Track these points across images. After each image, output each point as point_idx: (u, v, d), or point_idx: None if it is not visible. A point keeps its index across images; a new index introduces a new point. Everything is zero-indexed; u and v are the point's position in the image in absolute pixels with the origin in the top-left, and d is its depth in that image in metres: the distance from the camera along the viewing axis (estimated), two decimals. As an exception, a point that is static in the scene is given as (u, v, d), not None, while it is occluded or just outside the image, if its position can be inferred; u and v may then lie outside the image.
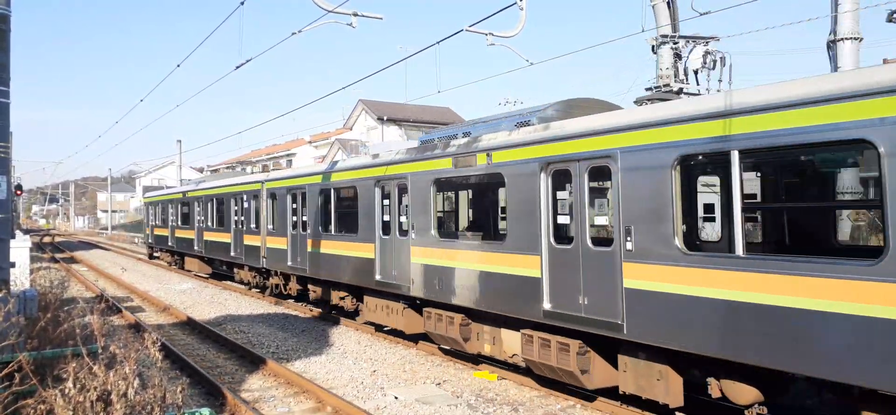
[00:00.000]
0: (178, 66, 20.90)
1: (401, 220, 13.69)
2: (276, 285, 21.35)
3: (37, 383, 6.27)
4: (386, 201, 14.23)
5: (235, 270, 25.59)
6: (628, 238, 8.48)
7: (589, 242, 9.20)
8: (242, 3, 14.42)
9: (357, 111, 53.94)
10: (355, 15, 12.43)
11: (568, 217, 9.65)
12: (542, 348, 10.07)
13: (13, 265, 9.48)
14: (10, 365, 6.51)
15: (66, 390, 6.13)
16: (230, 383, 11.67)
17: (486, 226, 12.57)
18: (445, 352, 13.69)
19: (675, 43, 14.46)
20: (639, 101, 9.96)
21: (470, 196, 14.01)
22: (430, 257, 12.52)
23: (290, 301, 21.75)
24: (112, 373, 6.35)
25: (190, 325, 17.89)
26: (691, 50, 14.11)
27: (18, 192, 36.51)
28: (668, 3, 14.82)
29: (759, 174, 9.37)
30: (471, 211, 14.08)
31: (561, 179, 9.81)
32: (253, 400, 10.62)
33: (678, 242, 7.89)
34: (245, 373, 12.55)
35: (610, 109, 10.43)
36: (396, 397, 10.72)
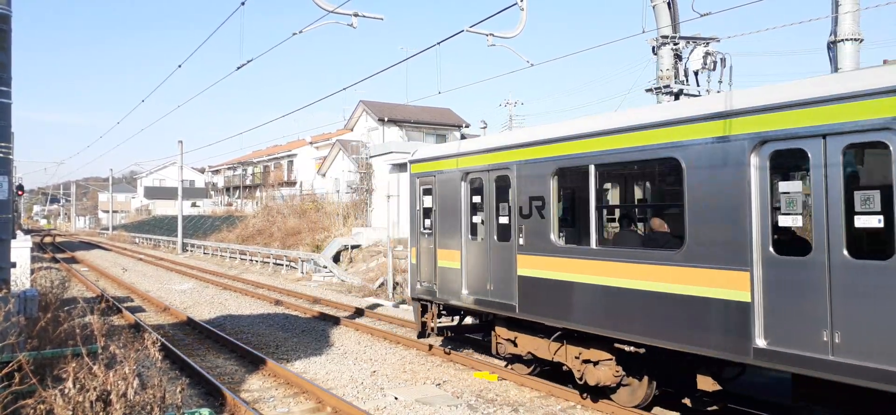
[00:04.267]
0: (180, 66, 20.97)
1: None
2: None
3: (36, 382, 6.27)
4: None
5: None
6: None
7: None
8: (243, 4, 14.44)
9: (358, 112, 53.95)
10: (356, 15, 12.45)
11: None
12: None
13: (14, 265, 9.50)
14: (10, 365, 6.51)
15: (66, 390, 6.13)
16: (230, 383, 11.67)
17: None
18: (446, 353, 13.67)
19: (676, 44, 14.48)
20: None
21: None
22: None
23: (289, 301, 21.59)
24: (112, 373, 6.34)
25: (190, 325, 17.90)
26: (691, 51, 14.13)
27: (20, 192, 36.51)
28: (668, 3, 14.81)
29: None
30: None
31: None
32: (253, 400, 10.62)
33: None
34: (245, 373, 12.55)
35: None
36: (396, 398, 10.72)
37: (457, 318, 13.51)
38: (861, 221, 6.55)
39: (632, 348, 8.95)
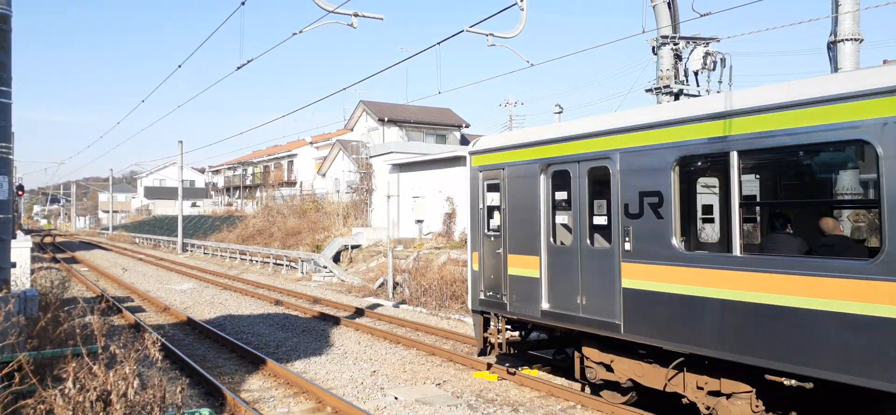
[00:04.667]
0: (180, 66, 20.99)
1: None
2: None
3: (36, 383, 6.27)
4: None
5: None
6: None
7: None
8: (243, 4, 14.44)
9: (358, 112, 53.96)
10: (356, 15, 12.44)
11: None
12: None
13: (14, 265, 9.50)
14: (10, 365, 6.51)
15: (66, 390, 6.13)
16: (230, 383, 11.67)
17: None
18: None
19: (676, 44, 14.49)
20: None
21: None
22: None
23: (290, 301, 21.67)
24: (112, 373, 6.34)
25: (190, 325, 17.90)
26: (691, 51, 14.14)
27: (20, 192, 36.52)
28: (668, 3, 14.81)
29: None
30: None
31: None
32: (253, 400, 10.62)
33: None
34: (245, 373, 12.55)
35: None
36: (396, 398, 10.72)
37: (506, 330, 11.65)
38: None
39: (793, 382, 7.12)
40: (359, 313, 19.85)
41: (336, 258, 32.42)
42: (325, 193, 49.24)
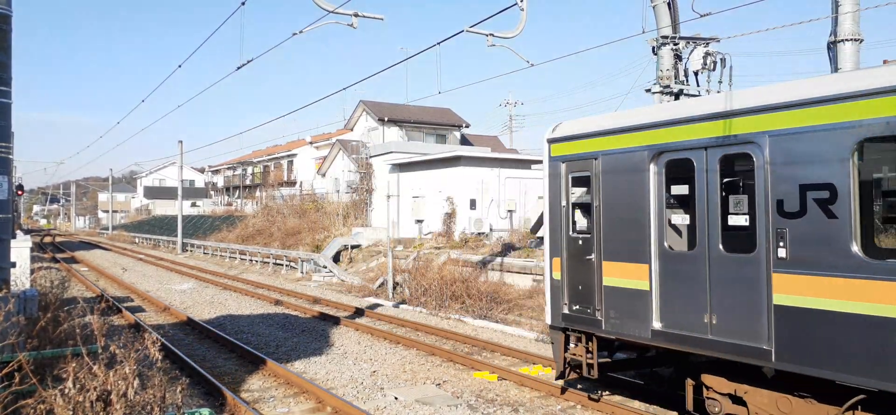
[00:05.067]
0: (180, 66, 21.04)
1: None
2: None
3: (36, 382, 6.27)
4: None
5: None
6: None
7: None
8: (243, 4, 14.45)
9: (358, 112, 53.97)
10: (356, 15, 12.45)
11: None
12: None
13: (14, 265, 9.51)
14: (10, 365, 6.51)
15: (66, 390, 6.13)
16: (230, 383, 11.67)
17: None
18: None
19: (676, 44, 14.48)
20: None
21: None
22: None
23: (289, 301, 21.62)
24: (112, 373, 6.34)
25: (190, 325, 17.90)
26: (691, 51, 14.13)
27: (20, 192, 36.56)
28: (668, 3, 14.80)
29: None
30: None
31: None
32: (253, 400, 10.62)
33: None
34: (245, 373, 12.55)
35: None
36: (396, 398, 10.72)
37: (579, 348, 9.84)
38: None
39: None
40: (359, 312, 19.85)
41: (336, 258, 32.43)
42: (324, 192, 49.25)
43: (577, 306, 9.58)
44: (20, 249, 16.40)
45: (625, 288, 8.80)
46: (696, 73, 14.10)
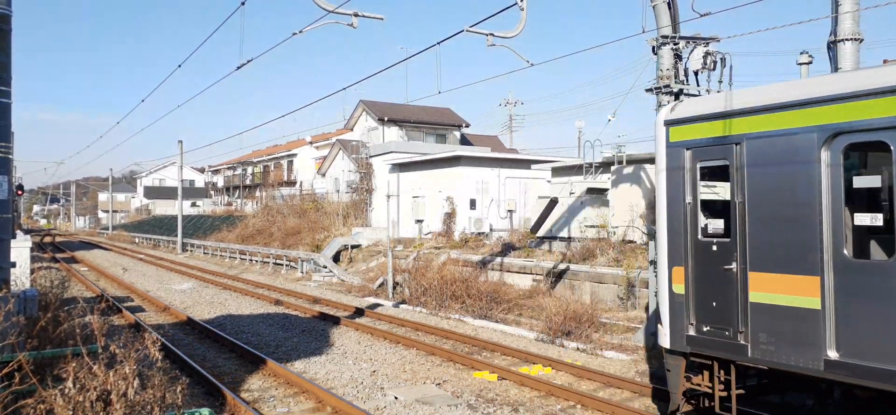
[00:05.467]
0: (180, 66, 21.02)
1: None
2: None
3: (36, 382, 6.27)
4: None
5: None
6: None
7: None
8: (243, 4, 14.44)
9: (358, 112, 53.98)
10: (356, 15, 12.44)
11: None
12: None
13: (14, 265, 9.50)
14: (10, 365, 6.51)
15: (66, 390, 6.13)
16: (230, 383, 11.67)
17: None
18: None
19: (676, 44, 14.48)
20: None
21: None
22: None
23: (289, 301, 21.60)
24: (112, 373, 6.34)
25: (190, 325, 17.90)
26: (691, 51, 14.15)
27: (19, 192, 36.55)
28: (668, 3, 14.80)
29: None
30: None
31: None
32: (253, 400, 10.62)
33: None
34: (245, 373, 12.55)
35: None
36: (396, 398, 10.72)
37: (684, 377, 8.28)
38: None
39: None
40: (359, 312, 19.85)
41: (336, 258, 32.44)
42: (324, 192, 49.26)
43: (709, 327, 7.93)
44: (20, 249, 16.40)
45: (783, 306, 7.13)
46: (696, 73, 14.11)
